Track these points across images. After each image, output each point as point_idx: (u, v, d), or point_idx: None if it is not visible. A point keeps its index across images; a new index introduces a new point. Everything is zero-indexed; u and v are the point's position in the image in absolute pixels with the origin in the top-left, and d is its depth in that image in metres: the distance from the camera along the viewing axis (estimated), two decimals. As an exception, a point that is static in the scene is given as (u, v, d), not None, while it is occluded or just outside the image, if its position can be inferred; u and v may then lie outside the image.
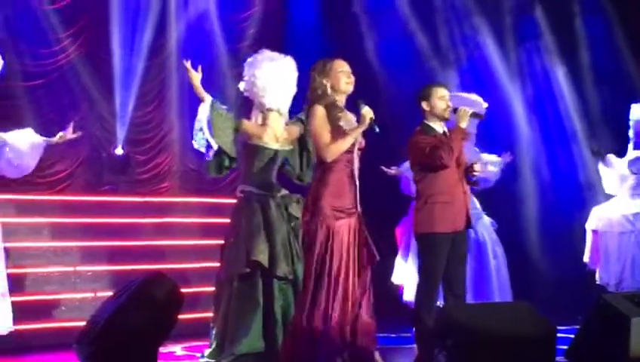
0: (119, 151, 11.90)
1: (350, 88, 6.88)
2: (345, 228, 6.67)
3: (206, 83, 12.59)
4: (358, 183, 6.84)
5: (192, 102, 12.51)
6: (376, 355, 6.82)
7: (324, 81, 6.81)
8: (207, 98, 7.32)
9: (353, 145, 6.73)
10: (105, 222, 10.53)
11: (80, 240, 10.24)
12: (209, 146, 7.35)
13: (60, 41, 11.61)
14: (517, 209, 12.02)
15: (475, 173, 7.44)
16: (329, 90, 6.80)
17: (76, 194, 11.18)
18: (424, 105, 7.23)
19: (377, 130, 6.78)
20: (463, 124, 7.15)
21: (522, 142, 12.25)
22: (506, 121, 12.13)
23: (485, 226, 9.72)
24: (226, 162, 7.51)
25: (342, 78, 6.83)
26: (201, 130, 7.34)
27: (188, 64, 7.39)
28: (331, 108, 6.74)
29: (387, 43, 12.72)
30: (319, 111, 6.72)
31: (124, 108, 11.95)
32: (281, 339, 7.25)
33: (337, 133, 6.68)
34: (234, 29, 12.93)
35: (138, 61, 12.02)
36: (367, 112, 6.67)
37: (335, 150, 6.64)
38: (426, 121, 7.25)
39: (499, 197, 10.36)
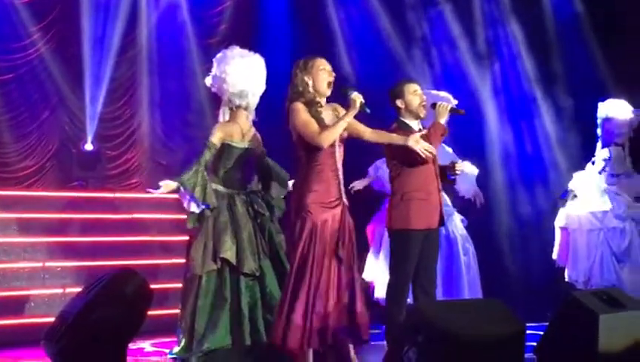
0: (89, 146, 11.87)
1: (328, 91, 6.84)
2: (329, 221, 6.66)
3: (176, 78, 12.71)
4: (341, 175, 6.82)
5: (162, 98, 12.58)
6: (352, 352, 6.83)
7: (306, 78, 6.78)
8: (177, 183, 7.27)
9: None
10: (74, 217, 10.49)
11: (49, 235, 10.19)
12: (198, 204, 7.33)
13: (30, 35, 11.58)
14: (487, 206, 12.03)
15: (457, 172, 7.44)
16: (310, 88, 6.79)
17: (45, 189, 11.15)
18: (398, 103, 7.20)
19: (368, 110, 6.78)
20: (442, 120, 7.15)
21: (492, 139, 12.28)
22: (476, 118, 12.15)
23: (455, 223, 9.74)
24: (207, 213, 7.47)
25: (323, 75, 6.81)
26: (190, 203, 7.31)
27: (154, 192, 7.37)
28: (311, 105, 6.72)
29: (360, 41, 12.73)
30: (299, 105, 6.68)
31: (94, 103, 11.93)
32: (248, 335, 7.26)
33: (321, 126, 6.67)
34: (205, 24, 12.93)
35: (108, 56, 11.99)
36: (357, 96, 6.64)
37: (329, 135, 6.59)
38: (402, 118, 7.23)
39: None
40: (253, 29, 12.90)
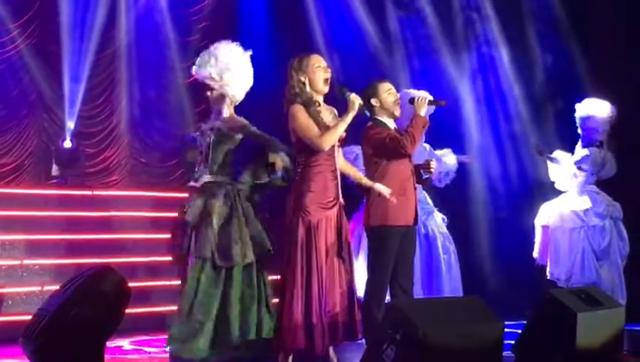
0: (68, 144, 11.81)
1: (326, 88, 6.84)
2: (325, 221, 6.67)
3: (155, 76, 12.68)
4: (339, 176, 6.83)
5: (142, 96, 12.54)
6: (331, 350, 6.82)
7: (302, 78, 6.78)
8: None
9: None
10: (53, 215, 10.43)
11: (27, 233, 10.12)
12: None
13: (8, 32, 11.52)
14: (467, 205, 12.07)
15: (431, 170, 7.45)
16: (307, 88, 6.78)
17: (24, 186, 11.08)
18: (373, 101, 7.21)
19: (368, 113, 6.86)
20: (422, 112, 7.15)
21: (472, 139, 12.28)
22: (456, 118, 12.16)
23: (436, 222, 9.75)
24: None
25: (319, 72, 6.81)
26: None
27: None
28: (309, 105, 6.71)
29: (339, 37, 12.71)
30: (298, 108, 6.68)
31: (73, 100, 11.87)
32: (236, 327, 7.20)
33: (320, 127, 6.67)
34: (184, 22, 12.89)
35: (87, 53, 11.94)
36: (356, 98, 6.65)
37: (330, 137, 6.61)
38: (377, 117, 7.24)
39: (449, 193, 10.40)
40: (233, 27, 12.85)
